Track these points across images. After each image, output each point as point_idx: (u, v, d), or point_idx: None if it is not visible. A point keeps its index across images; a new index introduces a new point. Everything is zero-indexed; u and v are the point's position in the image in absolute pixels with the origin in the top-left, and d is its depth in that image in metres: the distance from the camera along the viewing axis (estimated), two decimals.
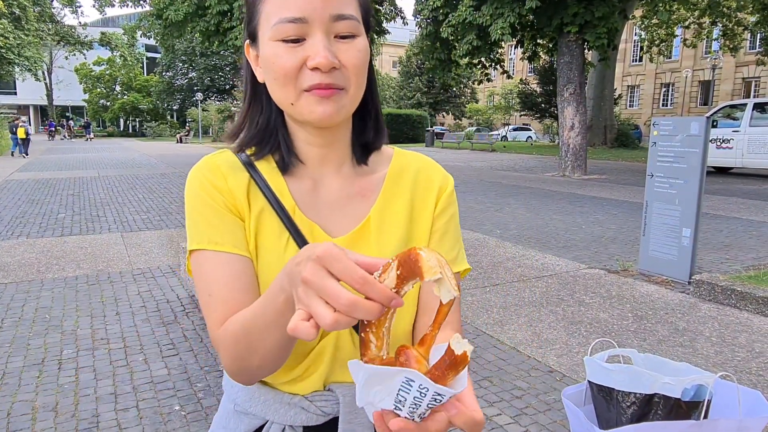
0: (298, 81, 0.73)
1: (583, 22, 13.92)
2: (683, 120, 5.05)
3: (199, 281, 0.78)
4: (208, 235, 0.77)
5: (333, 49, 0.72)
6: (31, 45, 30.75)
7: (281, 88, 0.74)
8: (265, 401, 0.84)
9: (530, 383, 3.17)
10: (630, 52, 43.07)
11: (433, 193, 0.89)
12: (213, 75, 52.14)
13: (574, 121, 14.76)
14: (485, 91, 52.16)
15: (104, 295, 4.73)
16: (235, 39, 15.63)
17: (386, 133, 0.90)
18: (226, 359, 0.73)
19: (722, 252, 6.25)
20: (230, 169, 0.82)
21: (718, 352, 3.59)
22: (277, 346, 0.67)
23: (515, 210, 9.26)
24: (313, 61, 0.70)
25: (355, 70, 0.74)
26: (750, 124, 13.89)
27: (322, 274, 0.51)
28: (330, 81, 0.72)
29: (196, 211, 0.79)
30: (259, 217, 0.81)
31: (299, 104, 0.74)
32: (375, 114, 0.87)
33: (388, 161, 0.90)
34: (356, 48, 0.74)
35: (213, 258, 0.77)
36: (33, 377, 3.20)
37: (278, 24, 0.71)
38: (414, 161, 0.92)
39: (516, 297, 4.67)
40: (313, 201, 0.84)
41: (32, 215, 8.60)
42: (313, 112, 0.74)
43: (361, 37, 0.75)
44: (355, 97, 0.77)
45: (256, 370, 0.72)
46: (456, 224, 0.91)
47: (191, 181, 0.82)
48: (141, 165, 18.77)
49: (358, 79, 0.75)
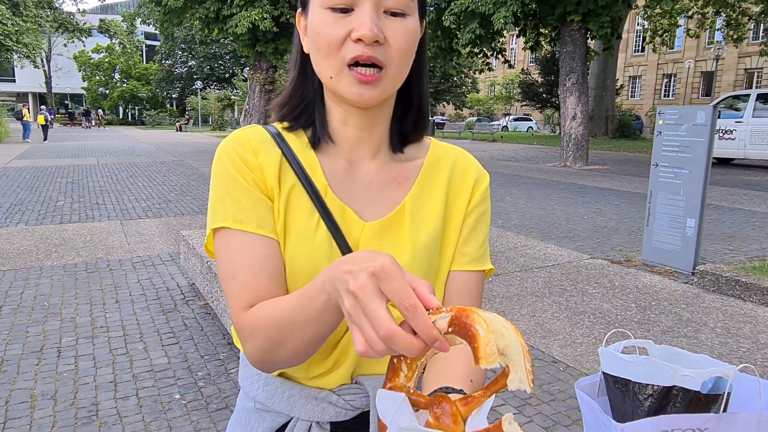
0: (341, 52, 0.70)
1: (586, 10, 13.80)
2: (689, 109, 4.99)
3: (223, 262, 0.74)
4: (234, 214, 0.74)
5: (381, 24, 0.70)
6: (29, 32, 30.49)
7: (324, 59, 0.72)
8: (290, 397, 0.80)
9: (534, 374, 3.14)
10: (632, 42, 42.81)
11: (469, 187, 0.86)
12: (213, 63, 51.84)
13: (576, 111, 14.67)
14: (486, 81, 51.90)
15: (104, 282, 4.70)
16: (235, 27, 15.49)
17: (428, 125, 0.87)
18: (251, 348, 0.70)
19: (725, 243, 6.21)
20: (261, 143, 0.78)
21: (723, 343, 3.56)
22: (309, 342, 0.65)
23: (517, 200, 9.22)
24: (358, 32, 0.68)
25: (399, 51, 0.71)
26: (753, 115, 13.81)
27: (372, 292, 0.49)
28: (372, 53, 0.69)
29: (222, 187, 0.76)
30: (290, 195, 0.77)
31: (339, 79, 0.72)
32: (419, 104, 0.84)
33: (426, 150, 0.87)
34: (405, 27, 0.71)
35: (238, 238, 0.73)
36: (32, 365, 3.17)
37: None
38: (452, 152, 0.89)
39: (518, 287, 4.64)
40: (347, 182, 0.81)
41: (31, 202, 8.55)
42: (351, 91, 0.72)
43: (411, 17, 0.72)
44: (396, 79, 0.74)
45: (282, 362, 0.70)
46: (487, 222, 0.88)
47: (220, 155, 0.77)
48: (140, 153, 18.69)
49: (401, 60, 0.72)
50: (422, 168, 0.85)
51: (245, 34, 15.56)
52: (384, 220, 0.80)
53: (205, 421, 2.63)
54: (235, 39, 16.69)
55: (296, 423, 0.80)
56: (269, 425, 0.82)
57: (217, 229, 0.75)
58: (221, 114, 43.74)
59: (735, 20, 22.08)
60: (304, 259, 0.75)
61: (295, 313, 0.63)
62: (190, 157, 17.25)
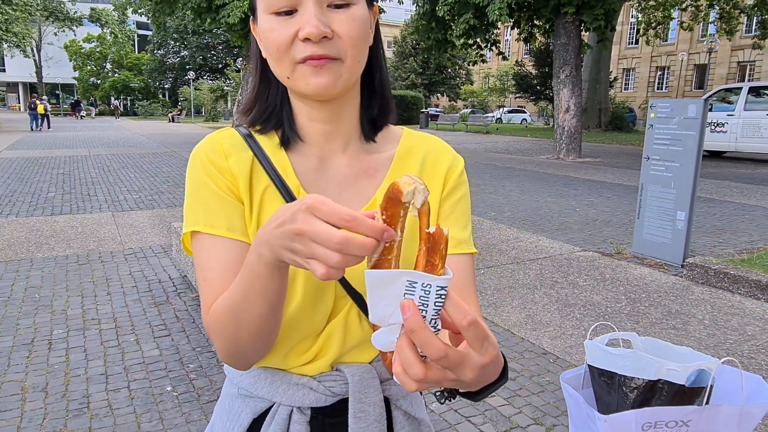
0: (291, 53, 0.71)
1: (580, 2, 13.78)
2: (681, 102, 5.02)
3: (197, 265, 0.77)
4: (205, 218, 0.76)
5: (326, 19, 0.70)
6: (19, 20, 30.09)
7: (277, 62, 0.73)
8: (272, 383, 0.82)
9: (524, 365, 3.17)
10: (626, 34, 42.81)
11: (442, 174, 0.86)
12: (205, 53, 51.48)
13: (569, 103, 14.69)
14: (480, 73, 51.80)
15: (95, 275, 4.68)
16: (227, 17, 15.36)
17: (394, 110, 0.87)
18: (218, 342, 0.72)
19: (715, 235, 6.26)
20: (232, 147, 0.80)
21: (711, 335, 3.60)
22: (264, 317, 0.66)
23: (509, 192, 9.24)
24: (304, 32, 0.69)
25: (350, 41, 0.72)
26: (745, 108, 13.87)
27: (311, 220, 0.52)
28: (322, 52, 0.70)
29: (194, 191, 0.78)
30: (263, 196, 0.79)
31: (294, 77, 0.73)
32: (381, 89, 0.85)
33: (397, 141, 0.88)
34: (351, 17, 0.71)
35: (209, 242, 0.76)
36: (23, 357, 3.17)
37: None
38: (423, 142, 0.89)
39: (510, 279, 4.67)
40: (319, 179, 0.82)
41: (21, 194, 8.49)
42: (309, 84, 0.72)
43: (357, 5, 0.72)
44: (354, 68, 0.74)
45: (248, 351, 0.72)
46: (466, 206, 0.88)
47: (193, 160, 0.80)
48: (132, 144, 18.58)
49: (354, 50, 0.72)
50: (393, 159, 0.85)
51: (238, 24, 15.43)
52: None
53: (197, 413, 2.63)
54: (228, 29, 16.56)
55: (278, 408, 0.81)
56: (252, 410, 0.83)
57: (192, 232, 0.77)
58: (214, 105, 43.46)
59: (728, 13, 22.12)
60: None
61: (242, 291, 0.65)
62: (182, 148, 17.16)
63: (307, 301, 0.77)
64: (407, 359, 0.49)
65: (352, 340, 0.81)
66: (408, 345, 0.49)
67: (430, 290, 0.48)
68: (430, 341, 0.48)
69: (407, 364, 0.49)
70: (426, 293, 0.48)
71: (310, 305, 0.77)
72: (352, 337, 0.80)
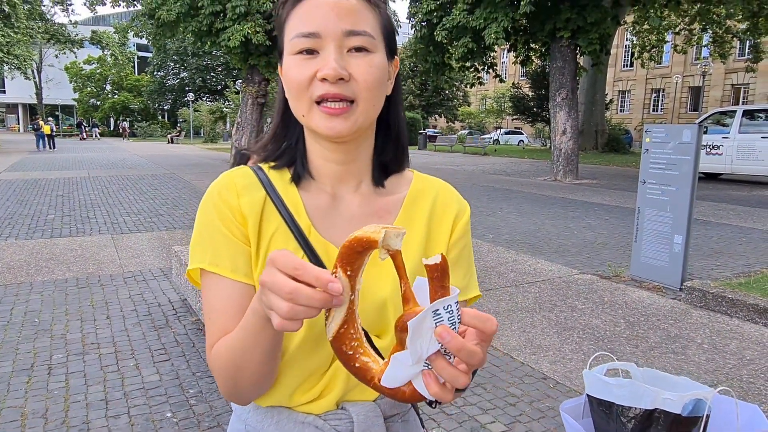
0: (309, 91, 0.75)
1: (575, 27, 14.01)
2: (675, 128, 5.09)
3: (203, 300, 0.82)
4: (210, 257, 0.79)
5: (344, 62, 0.74)
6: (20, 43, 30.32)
7: (295, 99, 0.78)
8: (278, 421, 0.83)
9: (524, 390, 3.17)
10: (621, 57, 43.37)
11: (450, 220, 0.89)
12: (205, 75, 51.88)
13: (566, 125, 14.83)
14: (478, 95, 52.32)
15: (94, 298, 4.68)
16: (227, 40, 15.55)
17: (407, 158, 0.91)
18: (219, 381, 0.77)
19: (713, 258, 6.29)
20: (246, 187, 0.83)
21: (710, 360, 3.61)
22: (261, 363, 0.72)
23: (507, 214, 9.29)
24: (322, 72, 0.73)
25: (365, 84, 0.76)
26: (739, 131, 14.03)
27: (272, 272, 0.56)
28: (338, 91, 0.74)
29: (203, 229, 0.81)
30: (274, 236, 0.81)
31: (310, 116, 0.77)
32: (396, 135, 0.88)
33: (408, 184, 0.91)
34: (368, 62, 0.76)
35: (213, 280, 0.79)
36: (22, 383, 3.16)
37: (295, 38, 0.76)
38: (433, 185, 0.92)
39: (509, 302, 4.68)
40: (329, 218, 0.85)
41: (21, 216, 8.51)
42: (322, 126, 0.76)
43: (376, 53, 0.77)
44: (367, 112, 0.78)
45: (247, 391, 0.77)
46: (469, 253, 0.91)
47: (206, 197, 0.83)
48: (131, 165, 18.65)
49: (369, 93, 0.76)
50: (404, 202, 0.88)
51: (238, 47, 15.61)
52: None
53: None
54: (228, 52, 16.75)
55: None
56: None
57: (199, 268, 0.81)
58: (213, 126, 43.68)
59: (720, 37, 22.47)
60: None
61: (241, 338, 0.70)
62: (181, 170, 17.23)
63: (310, 338, 0.79)
64: (453, 375, 0.55)
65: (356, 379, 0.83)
66: (447, 364, 0.55)
67: (452, 310, 0.54)
68: (474, 351, 0.54)
69: (454, 378, 0.55)
70: (450, 314, 0.54)
71: (314, 343, 0.79)
72: None
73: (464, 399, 3.02)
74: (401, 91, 0.88)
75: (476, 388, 3.17)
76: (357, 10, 0.76)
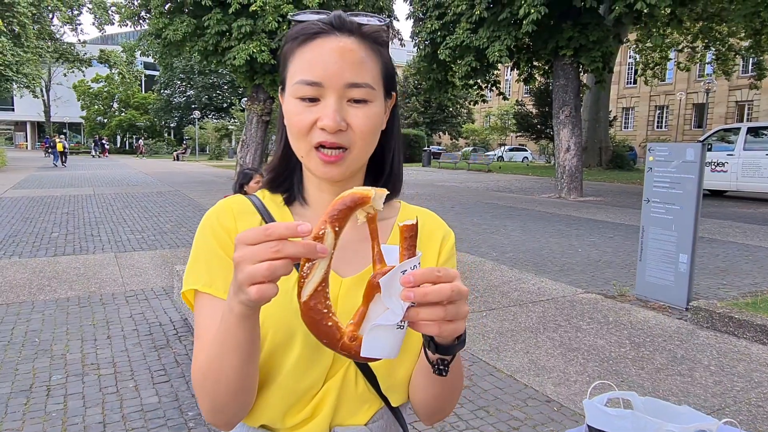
0: (309, 137, 0.79)
1: (578, 45, 14.08)
2: (679, 146, 5.07)
3: (194, 322, 0.83)
4: (205, 278, 0.82)
5: (343, 112, 0.78)
6: (29, 62, 30.71)
7: (296, 140, 0.82)
8: None
9: (527, 413, 3.12)
10: (624, 74, 43.52)
11: (437, 244, 0.93)
12: (211, 93, 52.36)
13: (569, 143, 14.84)
14: (481, 112, 52.49)
15: (96, 317, 4.67)
16: (233, 59, 15.71)
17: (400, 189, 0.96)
18: (200, 399, 0.77)
19: (719, 277, 6.23)
20: (242, 212, 0.87)
21: (717, 382, 3.55)
22: (238, 370, 0.71)
23: (511, 232, 9.25)
24: (322, 122, 0.77)
25: (361, 134, 0.79)
26: (744, 148, 14.00)
27: (242, 247, 0.59)
28: (335, 140, 0.78)
29: (200, 251, 0.84)
30: None
31: (308, 159, 0.81)
32: (390, 170, 0.92)
33: (396, 211, 0.96)
34: (366, 113, 0.79)
35: (207, 301, 0.81)
36: (20, 404, 3.13)
37: (298, 84, 0.78)
38: (420, 214, 0.96)
39: (512, 322, 4.63)
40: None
41: (25, 234, 8.54)
42: (318, 170, 0.81)
43: (374, 102, 0.81)
44: (359, 157, 0.82)
45: (228, 407, 0.76)
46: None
47: (204, 222, 0.87)
48: (137, 183, 18.74)
49: (363, 141, 0.80)
50: (394, 227, 0.91)
51: (243, 66, 15.76)
52: (360, 275, 0.85)
53: None
54: (234, 71, 16.91)
55: None
56: None
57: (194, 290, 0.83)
58: (218, 143, 43.97)
59: (724, 55, 22.54)
60: (282, 317, 0.80)
61: (218, 342, 0.70)
62: (186, 187, 17.29)
63: (304, 357, 0.79)
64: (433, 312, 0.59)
65: (347, 401, 0.83)
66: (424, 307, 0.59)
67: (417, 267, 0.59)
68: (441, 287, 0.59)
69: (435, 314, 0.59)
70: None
71: (307, 361, 0.80)
72: (347, 398, 0.82)
73: (466, 423, 2.98)
74: (398, 120, 0.92)
75: (478, 411, 3.12)
76: (361, 61, 0.78)
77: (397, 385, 0.85)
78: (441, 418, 0.89)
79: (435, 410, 0.87)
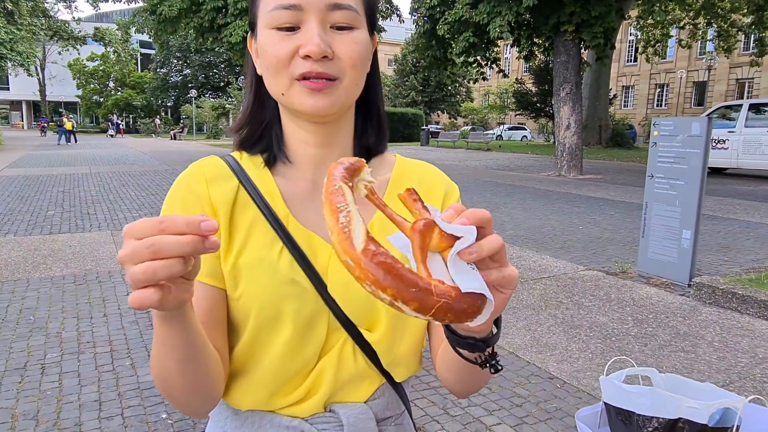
0: (290, 68, 0.70)
1: (579, 20, 13.86)
2: (684, 120, 4.98)
3: None
4: None
5: (328, 39, 0.69)
6: (23, 40, 30.26)
7: (273, 76, 0.71)
8: (260, 426, 0.76)
9: (530, 390, 3.08)
10: (625, 52, 43.10)
11: (439, 199, 0.83)
12: (207, 72, 51.87)
13: (570, 120, 14.70)
14: (480, 90, 52.10)
15: (92, 295, 4.61)
16: (230, 36, 15.48)
17: (387, 137, 0.86)
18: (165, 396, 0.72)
19: (721, 254, 6.18)
20: (215, 177, 0.77)
21: (721, 358, 3.51)
22: (181, 371, 0.65)
23: (511, 210, 9.18)
24: (305, 49, 0.68)
25: (350, 62, 0.71)
26: (745, 125, 13.89)
27: (127, 242, 0.49)
28: (321, 70, 0.69)
29: None
30: (251, 228, 0.75)
31: (290, 94, 0.71)
32: (377, 116, 0.83)
33: (391, 167, 0.86)
34: (353, 39, 0.71)
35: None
36: (14, 383, 3.08)
37: (273, 10, 0.69)
38: (417, 168, 0.87)
39: (514, 300, 4.58)
40: (310, 206, 0.78)
41: (21, 212, 8.45)
42: (304, 103, 0.71)
43: (360, 29, 0.72)
44: (350, 90, 0.73)
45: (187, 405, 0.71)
46: None
47: (173, 189, 0.77)
48: (134, 161, 18.59)
49: (353, 71, 0.72)
50: (388, 185, 0.83)
51: (240, 43, 15.53)
52: None
53: None
54: (230, 48, 16.67)
55: None
56: None
57: None
58: (216, 122, 43.62)
59: (725, 31, 22.27)
60: (265, 289, 0.72)
61: (157, 343, 0.64)
62: (183, 165, 16.92)
63: (296, 336, 0.72)
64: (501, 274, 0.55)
65: (345, 377, 0.76)
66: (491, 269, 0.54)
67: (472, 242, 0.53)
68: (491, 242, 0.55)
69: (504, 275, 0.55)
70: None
71: (299, 340, 0.73)
72: (345, 374, 0.76)
73: (468, 400, 2.93)
74: (378, 68, 0.82)
75: (482, 389, 3.08)
76: None
77: (399, 360, 0.78)
78: (476, 391, 0.82)
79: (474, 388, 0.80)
